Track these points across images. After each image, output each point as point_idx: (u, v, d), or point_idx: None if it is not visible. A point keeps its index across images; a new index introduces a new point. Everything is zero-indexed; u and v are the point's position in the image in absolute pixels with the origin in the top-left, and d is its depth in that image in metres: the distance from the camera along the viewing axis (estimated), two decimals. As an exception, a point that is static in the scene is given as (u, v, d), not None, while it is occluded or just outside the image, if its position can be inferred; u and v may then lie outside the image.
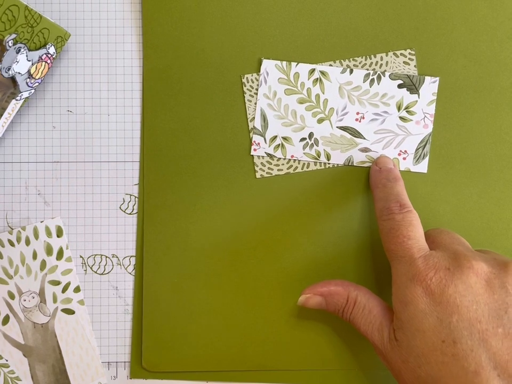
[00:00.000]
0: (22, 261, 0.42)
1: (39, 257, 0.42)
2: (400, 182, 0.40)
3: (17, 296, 0.42)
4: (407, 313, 0.35)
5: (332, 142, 0.42)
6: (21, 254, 0.42)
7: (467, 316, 0.33)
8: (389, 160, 0.42)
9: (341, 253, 0.43)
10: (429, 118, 0.42)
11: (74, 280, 0.43)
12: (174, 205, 0.43)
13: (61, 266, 0.43)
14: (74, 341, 0.43)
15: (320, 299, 0.40)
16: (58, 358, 0.43)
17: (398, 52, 0.42)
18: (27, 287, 0.42)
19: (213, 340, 0.43)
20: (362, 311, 0.38)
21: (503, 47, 0.42)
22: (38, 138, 0.43)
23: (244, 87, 0.42)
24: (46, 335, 0.42)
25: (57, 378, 0.43)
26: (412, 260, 0.36)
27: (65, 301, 0.43)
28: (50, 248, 0.42)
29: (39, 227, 0.42)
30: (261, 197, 0.43)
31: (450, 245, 0.37)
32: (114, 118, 0.43)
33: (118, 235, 0.43)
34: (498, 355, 0.32)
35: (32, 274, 0.42)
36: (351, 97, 0.42)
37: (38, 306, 0.42)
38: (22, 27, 0.36)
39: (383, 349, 0.36)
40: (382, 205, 0.39)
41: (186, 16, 0.42)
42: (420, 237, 0.37)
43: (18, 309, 0.42)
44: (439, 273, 0.34)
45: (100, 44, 0.43)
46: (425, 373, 0.34)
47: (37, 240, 0.42)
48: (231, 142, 0.42)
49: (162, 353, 0.43)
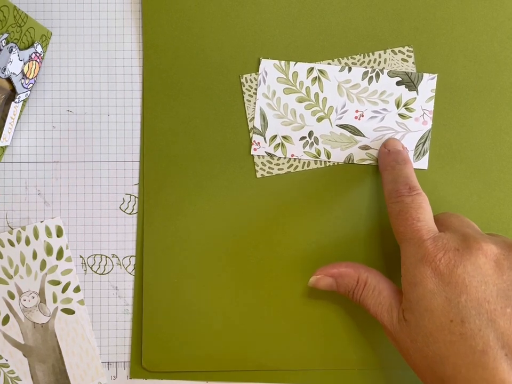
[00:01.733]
0: (22, 261, 0.42)
1: (39, 257, 0.42)
2: (409, 164, 0.40)
3: (17, 296, 0.42)
4: (415, 294, 0.35)
5: (332, 141, 0.42)
6: (21, 254, 0.42)
7: (475, 295, 0.33)
8: (397, 143, 0.42)
9: (342, 252, 0.43)
10: (428, 115, 0.42)
11: (74, 280, 0.43)
12: (174, 205, 0.43)
13: (61, 266, 0.43)
14: (74, 340, 0.42)
15: (330, 280, 0.40)
16: (58, 358, 0.42)
17: (396, 49, 0.42)
18: (27, 287, 0.42)
19: (213, 339, 0.42)
20: (372, 292, 0.38)
21: (503, 47, 0.42)
22: (38, 138, 0.43)
23: (243, 87, 0.42)
24: (46, 335, 0.42)
25: (57, 378, 0.42)
26: (421, 242, 0.36)
27: (65, 300, 0.43)
28: (50, 248, 0.42)
29: (39, 227, 0.42)
30: (261, 196, 0.42)
31: (459, 228, 0.37)
32: (114, 118, 0.43)
33: (118, 235, 0.43)
34: (506, 335, 0.32)
35: (32, 274, 0.42)
36: (350, 95, 0.42)
37: (38, 306, 0.42)
38: (12, 27, 0.36)
39: (392, 330, 0.36)
40: (391, 187, 0.39)
41: (186, 16, 0.42)
42: (429, 219, 0.37)
43: (18, 309, 0.42)
44: (448, 254, 0.34)
45: (99, 43, 0.43)
46: (433, 352, 0.34)
47: (37, 240, 0.42)
48: (231, 141, 0.43)
49: (162, 353, 0.42)
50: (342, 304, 0.42)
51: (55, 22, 0.43)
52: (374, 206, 0.42)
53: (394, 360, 0.42)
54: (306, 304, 0.42)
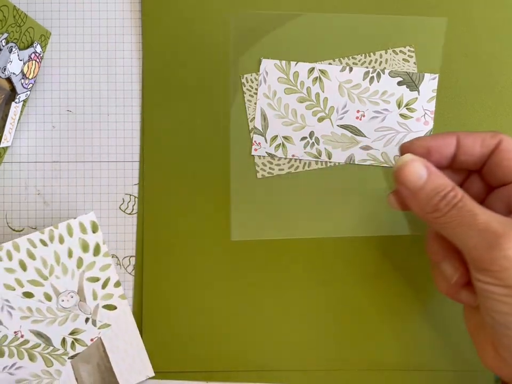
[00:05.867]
0: (56, 260, 0.41)
1: (74, 255, 0.41)
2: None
3: (55, 297, 0.41)
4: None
5: (333, 141, 0.42)
6: (55, 253, 0.41)
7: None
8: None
9: (342, 252, 0.42)
10: (429, 115, 0.42)
11: (114, 275, 0.42)
12: (174, 205, 0.42)
13: (99, 262, 0.42)
14: (117, 336, 0.42)
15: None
16: (102, 356, 0.42)
17: (397, 49, 0.42)
18: (64, 286, 0.41)
19: (213, 339, 0.42)
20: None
21: (503, 47, 0.42)
22: (38, 138, 0.43)
23: (244, 87, 0.42)
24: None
25: (103, 377, 0.42)
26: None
27: (106, 296, 0.42)
28: (86, 245, 0.42)
29: (73, 224, 0.41)
30: (261, 196, 0.42)
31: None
32: (114, 118, 0.43)
33: (118, 235, 0.43)
34: None
35: (68, 273, 0.41)
36: (351, 95, 0.42)
37: (78, 305, 0.42)
38: (11, 27, 0.36)
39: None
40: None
41: (186, 16, 0.42)
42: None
43: (55, 310, 0.41)
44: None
45: (99, 43, 0.43)
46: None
47: (71, 237, 0.41)
48: (232, 142, 0.42)
49: (163, 353, 0.42)
50: (342, 304, 0.42)
51: (54, 22, 0.43)
52: (374, 206, 0.42)
53: (394, 361, 0.42)
54: (306, 304, 0.42)
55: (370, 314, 0.42)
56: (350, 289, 0.42)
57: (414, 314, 0.42)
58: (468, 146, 0.35)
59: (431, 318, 0.42)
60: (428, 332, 0.42)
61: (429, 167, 0.33)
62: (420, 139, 0.36)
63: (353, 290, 0.42)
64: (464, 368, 0.42)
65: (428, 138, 0.36)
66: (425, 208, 0.33)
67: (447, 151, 0.35)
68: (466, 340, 0.42)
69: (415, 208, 0.34)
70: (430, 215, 0.33)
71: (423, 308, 0.42)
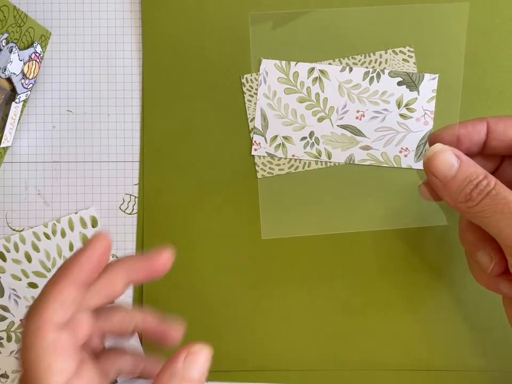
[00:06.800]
0: (59, 253, 0.42)
1: (75, 249, 0.42)
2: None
3: None
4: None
5: (333, 141, 0.42)
6: (57, 246, 0.42)
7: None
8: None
9: (342, 252, 0.42)
10: (429, 115, 0.42)
11: None
12: (174, 205, 0.42)
13: None
14: None
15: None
16: None
17: (397, 49, 0.42)
18: None
19: (212, 340, 0.42)
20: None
21: (503, 47, 0.42)
22: (38, 138, 0.43)
23: (244, 87, 0.42)
24: None
25: None
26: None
27: None
28: (86, 239, 0.43)
29: (74, 218, 0.43)
30: (261, 196, 0.42)
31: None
32: (114, 118, 0.43)
33: (118, 235, 0.43)
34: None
35: None
36: (351, 95, 0.42)
37: None
38: (11, 27, 0.36)
39: None
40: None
41: (186, 16, 0.42)
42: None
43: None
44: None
45: (99, 43, 0.43)
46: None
47: (72, 231, 0.43)
48: (231, 142, 0.42)
49: (162, 353, 0.42)
50: (342, 304, 0.42)
51: (54, 22, 0.43)
52: (374, 207, 0.42)
53: (395, 361, 0.42)
54: (306, 304, 0.42)
55: (370, 314, 0.42)
56: (350, 289, 0.42)
57: (413, 314, 0.42)
58: (500, 131, 0.34)
59: (432, 318, 0.42)
60: (428, 332, 0.42)
61: (460, 156, 0.32)
62: (448, 127, 0.35)
63: (354, 290, 0.42)
64: (464, 368, 0.42)
65: (457, 126, 0.35)
66: (457, 198, 0.32)
67: (478, 138, 0.35)
68: (466, 340, 0.42)
69: (447, 198, 0.33)
70: (463, 205, 0.32)
71: (423, 308, 0.42)
